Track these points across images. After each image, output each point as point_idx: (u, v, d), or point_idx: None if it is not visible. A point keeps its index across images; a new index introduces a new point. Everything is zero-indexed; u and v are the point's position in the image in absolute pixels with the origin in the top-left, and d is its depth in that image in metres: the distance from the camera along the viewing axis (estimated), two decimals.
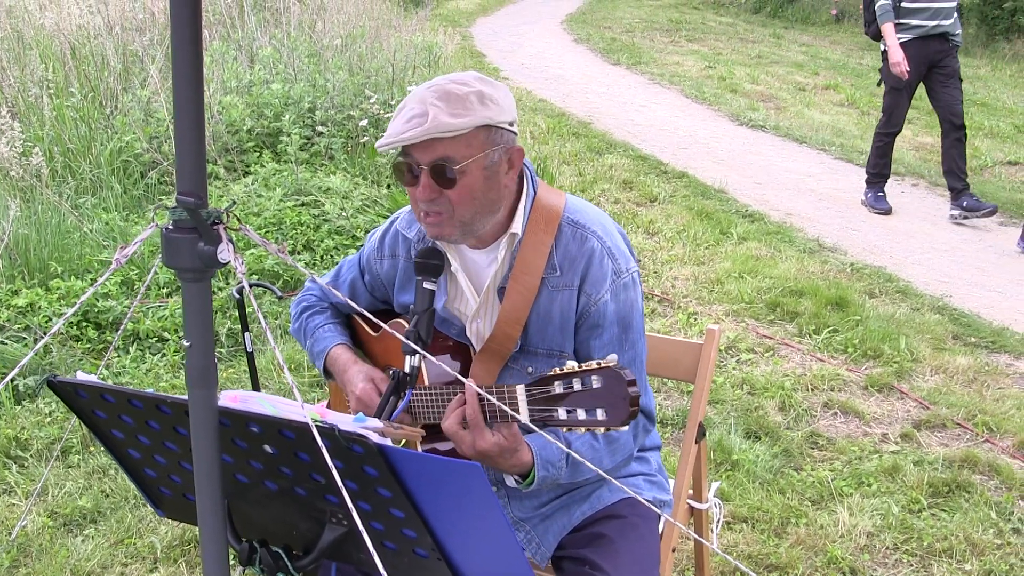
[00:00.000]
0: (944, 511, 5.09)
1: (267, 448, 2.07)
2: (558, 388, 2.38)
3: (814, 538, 4.82)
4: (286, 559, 2.26)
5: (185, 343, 1.84)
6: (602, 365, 2.33)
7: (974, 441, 5.80)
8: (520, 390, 2.46)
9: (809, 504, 5.13)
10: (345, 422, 1.99)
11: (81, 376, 2.22)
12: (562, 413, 2.38)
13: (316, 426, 1.86)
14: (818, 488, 5.26)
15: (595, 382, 2.33)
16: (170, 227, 1.76)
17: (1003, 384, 6.47)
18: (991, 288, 8.14)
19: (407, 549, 2.13)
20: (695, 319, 7.36)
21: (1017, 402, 6.20)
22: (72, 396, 2.26)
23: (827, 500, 5.16)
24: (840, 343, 6.98)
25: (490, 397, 2.46)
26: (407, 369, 2.80)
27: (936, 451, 5.65)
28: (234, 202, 7.49)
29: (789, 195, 10.84)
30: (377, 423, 2.06)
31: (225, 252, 1.75)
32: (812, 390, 6.32)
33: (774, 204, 10.43)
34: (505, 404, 2.53)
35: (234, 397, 2.11)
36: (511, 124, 2.86)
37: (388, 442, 1.95)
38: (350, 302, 2.15)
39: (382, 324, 2.11)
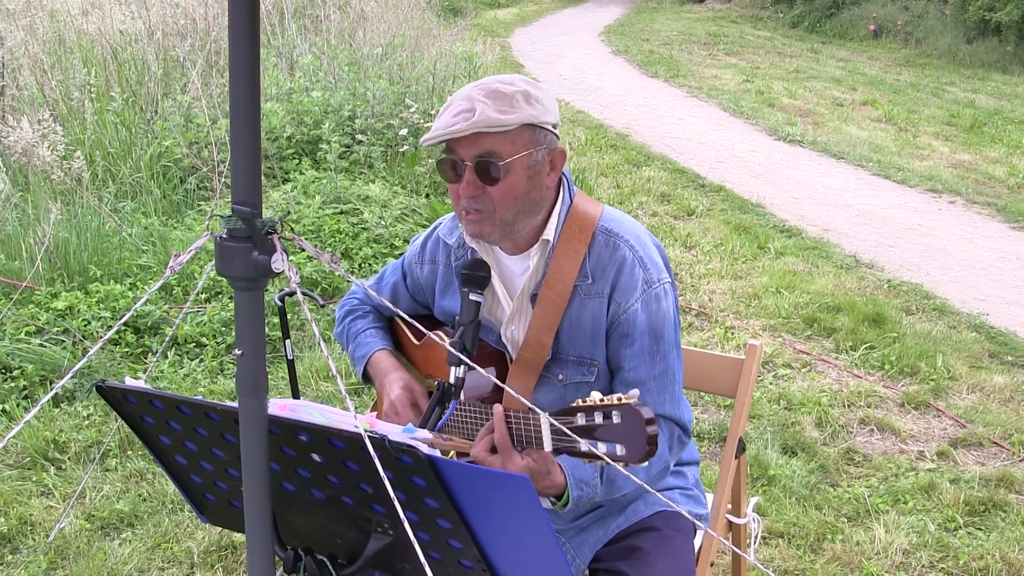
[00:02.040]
0: (980, 530, 5.07)
1: (315, 457, 2.07)
2: (580, 420, 2.37)
3: (850, 554, 4.81)
4: (331, 567, 2.27)
5: (237, 351, 1.84)
6: (623, 401, 2.32)
7: (1011, 460, 5.77)
8: (544, 419, 2.46)
9: (845, 520, 5.12)
10: (395, 433, 2.00)
11: (129, 382, 2.23)
12: (584, 445, 2.36)
13: (365, 435, 1.86)
14: (854, 504, 5.25)
15: (615, 418, 2.31)
16: (224, 236, 1.77)
17: None
18: None
19: (452, 560, 2.13)
20: (732, 333, 7.36)
21: None
22: (120, 401, 2.27)
23: (863, 517, 5.15)
24: (877, 360, 6.96)
25: (528, 403, 2.45)
26: (452, 380, 2.81)
27: (972, 469, 5.63)
28: (288, 212, 7.53)
29: (826, 210, 10.82)
30: (426, 434, 2.05)
31: (279, 261, 1.76)
32: (849, 406, 6.31)
33: (811, 219, 10.41)
34: (531, 432, 2.54)
35: (283, 406, 2.11)
36: (554, 126, 2.89)
37: (437, 453, 1.95)
38: (391, 306, 2.15)
39: (426, 331, 2.11)
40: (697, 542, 3.35)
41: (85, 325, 6.63)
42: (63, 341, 6.46)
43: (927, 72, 20.91)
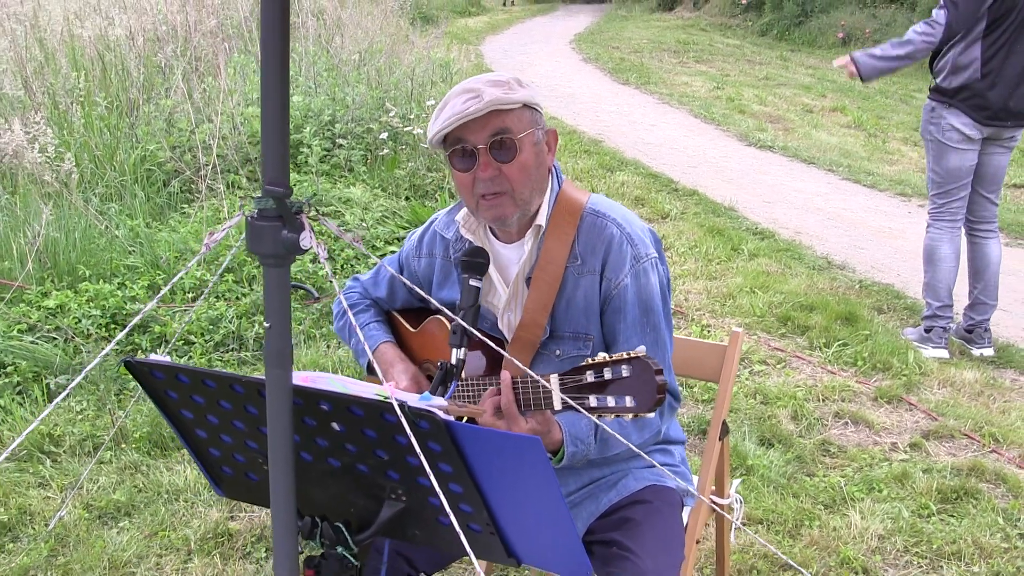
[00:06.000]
0: (953, 516, 5.21)
1: (334, 426, 2.17)
2: (590, 377, 2.49)
3: (827, 539, 4.95)
4: (346, 533, 2.37)
5: (265, 325, 1.96)
6: (631, 355, 2.46)
7: (981, 451, 5.92)
8: (554, 379, 2.58)
9: (822, 508, 5.25)
10: (412, 400, 2.11)
11: (155, 357, 2.34)
12: (593, 400, 2.49)
13: (386, 402, 1.99)
14: (830, 493, 5.38)
15: (624, 371, 2.45)
16: (255, 215, 1.87)
17: (1009, 398, 6.59)
18: (997, 307, 8.24)
19: (462, 523, 2.22)
20: (708, 331, 7.48)
21: (1023, 415, 6.32)
22: (147, 376, 2.36)
23: (839, 504, 5.28)
24: (850, 356, 7.11)
25: (534, 375, 2.56)
26: (453, 361, 2.94)
27: (944, 460, 5.77)
28: (315, 193, 7.64)
29: (798, 214, 10.96)
30: (442, 401, 2.14)
31: (307, 239, 1.88)
32: (823, 400, 6.45)
33: (783, 222, 10.55)
34: (540, 392, 2.67)
35: (305, 377, 2.23)
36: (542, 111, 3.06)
37: (451, 419, 2.07)
38: (403, 279, 2.26)
39: (438, 308, 2.23)
40: (685, 518, 3.48)
41: (76, 323, 6.72)
42: (55, 339, 6.56)
43: (895, 79, 21.02)
